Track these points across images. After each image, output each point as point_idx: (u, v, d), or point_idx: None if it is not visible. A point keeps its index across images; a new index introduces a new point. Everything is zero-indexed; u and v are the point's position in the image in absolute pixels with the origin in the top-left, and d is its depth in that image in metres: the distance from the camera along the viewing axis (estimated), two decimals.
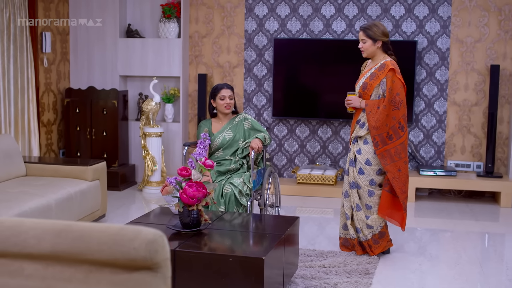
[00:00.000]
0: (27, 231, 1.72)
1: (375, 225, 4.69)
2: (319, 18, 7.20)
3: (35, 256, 1.72)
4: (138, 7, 7.53)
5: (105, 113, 7.14)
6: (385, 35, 4.57)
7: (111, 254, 1.67)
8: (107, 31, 7.39)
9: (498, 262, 4.82)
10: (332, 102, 7.19)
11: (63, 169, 5.48)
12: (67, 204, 5.02)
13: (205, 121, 5.18)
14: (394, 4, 7.02)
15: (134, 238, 1.67)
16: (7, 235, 1.74)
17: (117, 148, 7.16)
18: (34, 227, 1.73)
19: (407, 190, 4.58)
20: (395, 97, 4.48)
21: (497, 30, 6.86)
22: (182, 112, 7.43)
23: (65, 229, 1.71)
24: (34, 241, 1.71)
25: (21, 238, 1.72)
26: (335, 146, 7.30)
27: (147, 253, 1.66)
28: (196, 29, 7.48)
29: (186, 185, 3.77)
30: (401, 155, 4.53)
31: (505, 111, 6.90)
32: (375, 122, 4.51)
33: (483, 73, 6.92)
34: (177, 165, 7.41)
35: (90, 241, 1.68)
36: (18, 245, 1.73)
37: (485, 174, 6.80)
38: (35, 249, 1.71)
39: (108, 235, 1.68)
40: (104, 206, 5.68)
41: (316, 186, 6.96)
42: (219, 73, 7.48)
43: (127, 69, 7.42)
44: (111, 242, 1.67)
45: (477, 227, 5.88)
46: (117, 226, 1.71)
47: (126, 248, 1.66)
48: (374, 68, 4.61)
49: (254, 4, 7.33)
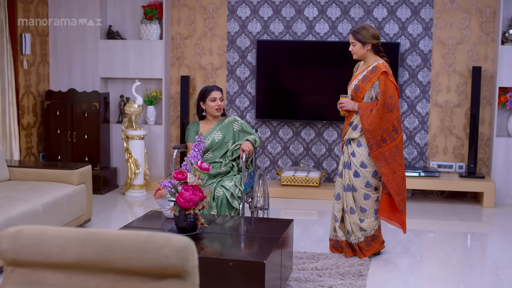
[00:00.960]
0: (50, 240, 1.67)
1: (369, 228, 4.69)
2: (302, 20, 7.19)
3: (59, 265, 1.67)
4: (119, 8, 7.44)
5: (86, 116, 7.04)
6: (374, 38, 4.57)
7: (141, 262, 1.62)
8: (88, 33, 7.29)
9: (487, 262, 4.86)
10: (315, 104, 7.20)
11: (47, 173, 5.38)
12: (54, 208, 4.93)
13: (193, 124, 5.13)
14: (376, 6, 7.05)
15: (164, 246, 1.63)
16: (28, 244, 1.68)
17: (99, 151, 7.07)
18: (57, 235, 1.68)
19: (403, 192, 4.59)
20: (388, 100, 4.49)
21: (478, 32, 6.93)
22: (165, 114, 7.36)
23: (91, 237, 1.66)
24: (58, 250, 1.65)
25: (44, 247, 1.67)
26: (318, 147, 7.30)
27: (178, 261, 1.62)
28: (178, 31, 7.42)
29: (182, 188, 3.72)
30: (395, 157, 4.54)
31: (486, 112, 6.97)
32: (368, 125, 4.51)
33: (465, 75, 6.98)
34: (160, 168, 7.34)
35: (118, 249, 1.63)
36: (41, 254, 1.67)
37: (467, 174, 6.86)
38: (59, 258, 1.66)
39: (136, 242, 1.64)
40: (89, 210, 5.60)
41: (300, 188, 6.95)
42: (201, 75, 7.43)
43: (108, 71, 7.33)
44: (140, 250, 1.62)
45: (463, 227, 5.93)
46: (144, 233, 1.66)
47: (156, 256, 1.62)
48: (367, 71, 4.61)
49: (236, 6, 7.29)
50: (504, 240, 5.47)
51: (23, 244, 1.69)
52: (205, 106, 5.04)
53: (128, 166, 6.93)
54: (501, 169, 6.79)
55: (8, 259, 1.71)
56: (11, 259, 1.71)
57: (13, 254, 1.70)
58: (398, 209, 4.65)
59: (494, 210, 6.54)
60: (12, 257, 1.70)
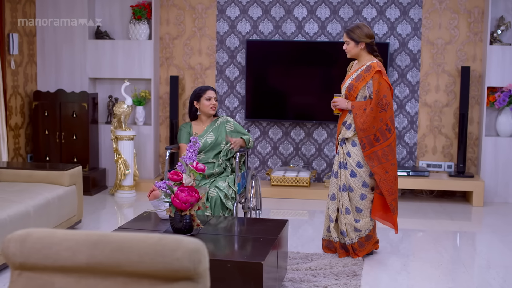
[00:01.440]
0: (60, 243, 1.64)
1: (364, 228, 4.69)
2: (292, 20, 7.19)
3: (68, 269, 1.65)
4: (107, 8, 7.39)
5: (75, 116, 6.98)
6: (368, 37, 4.58)
7: (152, 265, 1.60)
8: (76, 33, 7.23)
9: (479, 261, 4.88)
10: (305, 104, 7.20)
11: (38, 174, 5.33)
12: (45, 210, 4.88)
13: (185, 124, 5.11)
14: (366, 6, 7.07)
15: (176, 248, 1.61)
16: (37, 248, 1.65)
17: (88, 152, 7.02)
18: (67, 238, 1.65)
19: (395, 192, 4.59)
20: (382, 99, 4.49)
21: (466, 32, 6.97)
22: (154, 114, 7.32)
23: (101, 240, 1.64)
24: (68, 253, 1.63)
25: (53, 251, 1.64)
26: (308, 147, 7.31)
27: (191, 263, 1.60)
28: (167, 31, 7.39)
29: (177, 189, 3.70)
30: (388, 157, 4.54)
31: (475, 111, 7.02)
32: (362, 124, 4.51)
33: (454, 75, 7.02)
34: (149, 168, 7.30)
35: (130, 252, 1.61)
36: (49, 258, 1.65)
37: (456, 174, 6.90)
38: (69, 262, 1.63)
39: (148, 245, 1.62)
40: (80, 212, 5.55)
41: (291, 188, 6.95)
42: (190, 75, 7.40)
43: (96, 71, 7.28)
44: (153, 252, 1.61)
45: (454, 226, 5.96)
46: (155, 236, 1.65)
47: (169, 259, 1.60)
48: (360, 70, 4.61)
49: (225, 6, 7.27)
50: (495, 239, 5.50)
51: (32, 247, 1.66)
52: (199, 105, 5.02)
53: (117, 167, 6.88)
54: (490, 169, 6.84)
55: (16, 262, 1.69)
56: (19, 262, 1.68)
57: (21, 257, 1.67)
58: (390, 208, 4.65)
59: (483, 209, 6.58)
60: (20, 260, 1.67)
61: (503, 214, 6.39)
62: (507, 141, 6.81)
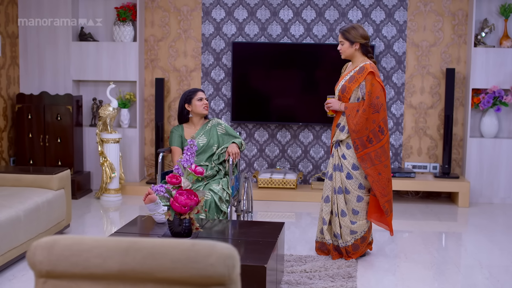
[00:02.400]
0: (90, 250, 1.61)
1: (359, 230, 4.69)
2: (277, 22, 7.19)
3: (97, 276, 1.61)
4: (91, 10, 7.31)
5: (59, 119, 6.89)
6: (363, 38, 4.59)
7: (186, 271, 1.58)
8: (59, 34, 7.14)
9: (471, 261, 4.92)
10: (291, 106, 7.20)
11: (26, 178, 5.24)
12: (35, 215, 4.80)
13: (177, 127, 5.08)
14: (351, 8, 7.10)
15: (209, 254, 1.58)
16: (66, 255, 1.62)
17: (73, 155, 6.93)
18: (97, 245, 1.62)
19: (388, 193, 4.60)
20: (374, 100, 4.50)
21: (451, 34, 7.04)
22: (139, 117, 7.26)
23: (132, 246, 1.61)
24: (98, 260, 1.60)
25: (83, 258, 1.61)
26: (294, 150, 7.31)
27: (226, 269, 1.58)
28: (152, 33, 7.33)
29: (176, 193, 3.67)
30: (381, 158, 4.55)
31: (459, 113, 7.08)
32: (354, 125, 4.52)
33: (438, 77, 7.08)
34: (134, 171, 7.24)
35: (162, 259, 1.58)
36: (79, 265, 1.61)
37: (441, 175, 6.96)
38: (99, 269, 1.60)
39: (180, 251, 1.59)
40: (69, 216, 5.48)
41: (277, 190, 6.94)
42: (175, 77, 7.35)
43: (80, 74, 7.19)
44: (185, 259, 1.58)
45: (442, 227, 6.01)
46: (188, 241, 1.62)
47: (202, 265, 1.58)
48: (354, 71, 4.62)
49: (211, 8, 7.24)
50: (484, 239, 5.55)
51: (60, 254, 1.62)
52: (191, 107, 4.99)
53: (103, 170, 6.81)
54: (475, 169, 6.91)
55: (42, 271, 1.65)
56: (45, 271, 1.64)
57: (48, 265, 1.63)
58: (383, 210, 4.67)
59: (469, 210, 6.64)
60: (47, 268, 1.64)
61: (489, 215, 6.46)
62: (491, 142, 6.89)
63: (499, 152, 6.88)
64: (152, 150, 7.44)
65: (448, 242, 5.61)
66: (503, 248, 5.29)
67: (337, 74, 6.97)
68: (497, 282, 4.39)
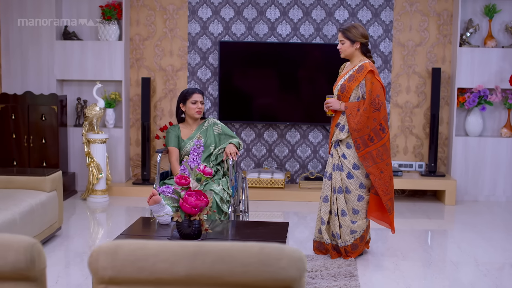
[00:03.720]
0: (156, 255, 1.58)
1: (359, 229, 4.71)
2: (264, 21, 7.18)
3: (164, 281, 1.58)
4: (75, 8, 7.20)
5: (44, 119, 6.77)
6: (364, 37, 4.60)
7: (257, 275, 1.56)
8: (42, 33, 7.01)
9: (466, 258, 4.97)
10: (278, 105, 7.19)
11: (17, 180, 5.12)
12: (30, 217, 4.71)
13: (173, 127, 5.03)
14: (338, 8, 7.12)
15: (280, 257, 1.57)
16: (131, 260, 1.58)
17: (58, 156, 6.82)
18: (163, 250, 1.59)
19: (390, 191, 4.62)
20: (375, 99, 4.51)
21: (436, 34, 7.11)
22: (125, 117, 7.17)
23: (200, 251, 1.58)
24: (165, 265, 1.56)
25: (149, 263, 1.57)
26: (281, 149, 7.31)
27: (297, 272, 1.57)
28: (137, 32, 7.25)
29: (185, 194, 3.63)
30: (383, 156, 4.57)
31: (444, 112, 7.17)
32: (356, 124, 4.52)
33: (424, 76, 7.15)
34: (120, 172, 7.15)
35: (233, 263, 1.56)
36: (145, 271, 1.58)
37: (427, 173, 7.03)
38: (166, 274, 1.57)
39: (251, 255, 1.57)
40: (61, 218, 5.38)
41: (266, 190, 6.93)
42: (161, 77, 7.29)
43: (65, 73, 7.08)
44: (257, 262, 1.56)
45: (432, 225, 6.07)
46: (256, 245, 1.60)
47: (274, 268, 1.56)
48: (353, 70, 4.62)
49: (197, 7, 7.20)
50: (475, 236, 5.62)
51: (125, 260, 1.58)
52: (185, 108, 4.96)
53: (89, 171, 6.71)
54: (460, 168, 7.00)
55: (105, 277, 1.61)
56: (109, 276, 1.60)
57: (112, 271, 1.59)
58: (386, 208, 4.69)
59: (456, 208, 6.73)
60: (111, 274, 1.60)
61: (477, 212, 6.55)
62: (476, 141, 6.99)
63: (484, 150, 6.98)
64: (137, 150, 7.36)
65: (442, 240, 5.67)
66: (496, 245, 5.37)
67: (324, 74, 7.02)
68: (495, 279, 4.45)
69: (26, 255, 1.60)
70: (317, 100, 7.07)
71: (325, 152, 7.28)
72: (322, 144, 7.28)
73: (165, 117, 7.31)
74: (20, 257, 1.59)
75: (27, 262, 1.60)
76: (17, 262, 1.59)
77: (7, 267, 1.58)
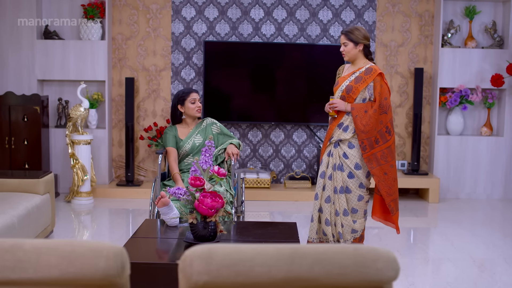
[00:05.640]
0: (252, 259, 1.56)
1: (359, 229, 4.74)
2: (248, 21, 7.17)
3: (261, 285, 1.57)
4: (55, 7, 7.06)
5: (25, 120, 6.62)
6: (366, 39, 4.62)
7: (354, 276, 1.56)
8: (23, 33, 6.86)
9: (461, 256, 5.06)
10: (262, 105, 7.20)
11: (10, 183, 5.01)
12: (27, 221, 4.61)
13: (170, 128, 4.99)
14: (322, 8, 7.16)
15: (376, 259, 1.58)
16: (227, 264, 1.56)
17: (40, 157, 6.68)
18: (258, 253, 1.57)
19: (394, 193, 4.66)
20: (383, 102, 4.54)
21: (418, 35, 7.23)
22: (108, 118, 7.08)
23: (295, 253, 1.57)
24: (263, 269, 1.55)
25: (246, 267, 1.56)
26: (265, 149, 7.32)
27: (393, 273, 1.58)
28: (120, 31, 7.16)
29: (200, 195, 3.60)
30: (387, 158, 4.61)
31: (426, 111, 7.29)
32: (364, 126, 4.53)
33: (406, 76, 7.26)
34: (103, 173, 7.05)
35: (329, 265, 1.56)
36: (241, 275, 1.56)
37: (410, 172, 7.14)
38: (263, 278, 1.56)
39: (347, 257, 1.57)
40: (53, 221, 5.29)
41: (252, 190, 6.93)
42: (144, 77, 7.21)
43: (46, 73, 6.94)
44: (353, 264, 1.56)
45: (421, 222, 6.17)
46: (349, 246, 1.60)
47: (371, 270, 1.57)
48: (359, 72, 4.62)
49: (181, 6, 7.15)
50: (466, 233, 5.74)
51: (221, 264, 1.57)
52: (184, 109, 4.92)
53: (74, 173, 6.60)
54: (442, 166, 7.13)
55: (199, 282, 1.58)
56: (203, 281, 1.58)
57: (207, 276, 1.57)
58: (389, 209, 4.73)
59: (439, 205, 6.85)
60: (206, 279, 1.57)
61: (461, 209, 6.68)
62: (458, 140, 7.13)
63: (465, 149, 7.13)
64: (120, 151, 7.27)
65: (434, 237, 5.76)
66: (486, 241, 5.49)
67: (308, 73, 7.05)
68: (493, 275, 4.55)
69: (117, 261, 1.57)
70: (301, 100, 7.12)
71: (309, 152, 7.32)
72: (306, 144, 7.31)
73: (148, 117, 7.24)
74: (110, 263, 1.56)
75: (118, 269, 1.57)
76: (109, 268, 1.56)
77: (98, 274, 1.55)
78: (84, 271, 1.56)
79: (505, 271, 4.70)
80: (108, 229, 5.99)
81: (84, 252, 1.58)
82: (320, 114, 6.70)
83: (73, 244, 1.63)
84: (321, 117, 6.88)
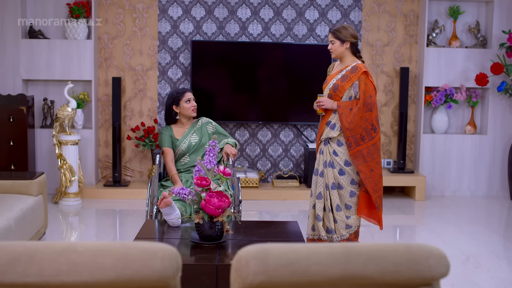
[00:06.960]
0: (308, 258, 1.58)
1: (354, 224, 4.78)
2: (235, 20, 7.18)
3: (317, 284, 1.58)
4: (40, 6, 6.98)
5: (11, 121, 6.53)
6: (353, 37, 4.68)
7: (407, 273, 1.59)
8: (7, 32, 6.76)
9: (455, 252, 5.14)
10: (249, 105, 7.21)
11: (3, 184, 4.94)
12: (23, 222, 4.55)
13: (166, 128, 4.97)
14: (308, 8, 7.20)
15: (428, 255, 1.60)
16: (283, 264, 1.57)
17: (27, 158, 6.59)
18: (312, 252, 1.59)
19: (379, 189, 4.72)
20: (368, 99, 4.60)
21: (403, 34, 7.31)
22: (94, 118, 7.01)
23: (349, 251, 1.59)
24: (319, 267, 1.57)
25: (302, 266, 1.57)
26: (252, 148, 7.33)
27: (444, 269, 1.61)
28: (106, 30, 7.10)
29: (207, 195, 3.60)
30: (373, 155, 4.66)
31: (411, 110, 7.37)
32: (348, 123, 4.60)
33: (392, 75, 7.34)
34: (90, 174, 6.99)
35: (384, 263, 1.58)
36: (297, 274, 1.57)
37: (395, 170, 7.22)
38: (320, 277, 1.57)
39: (400, 254, 1.60)
40: (46, 223, 5.23)
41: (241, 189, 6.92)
42: (131, 76, 7.17)
43: (31, 73, 6.85)
44: (406, 261, 1.59)
45: (409, 220, 6.25)
46: (401, 244, 1.63)
47: (423, 266, 1.59)
48: (345, 70, 4.68)
49: (168, 5, 7.12)
50: (455, 230, 5.83)
51: (277, 264, 1.57)
52: (179, 109, 4.91)
53: (61, 174, 6.53)
54: (428, 164, 7.22)
55: (255, 282, 1.59)
56: (259, 281, 1.58)
57: (264, 276, 1.58)
58: (375, 206, 4.79)
59: (426, 203, 6.94)
60: (262, 279, 1.58)
61: (447, 207, 6.78)
62: (442, 138, 7.23)
63: (450, 147, 7.24)
64: (106, 151, 7.21)
65: (424, 235, 5.83)
66: (477, 238, 5.58)
67: (294, 73, 7.08)
68: (487, 271, 4.63)
69: (172, 262, 1.57)
70: (288, 99, 7.15)
71: (296, 151, 7.35)
72: (293, 143, 7.34)
73: (135, 117, 7.20)
74: (166, 264, 1.56)
75: (173, 270, 1.57)
76: (165, 270, 1.56)
77: (155, 276, 1.55)
78: (141, 273, 1.55)
79: (498, 266, 4.78)
80: (97, 230, 5.94)
81: (139, 254, 1.58)
82: (308, 113, 6.74)
83: (126, 246, 1.62)
84: (308, 116, 6.92)
